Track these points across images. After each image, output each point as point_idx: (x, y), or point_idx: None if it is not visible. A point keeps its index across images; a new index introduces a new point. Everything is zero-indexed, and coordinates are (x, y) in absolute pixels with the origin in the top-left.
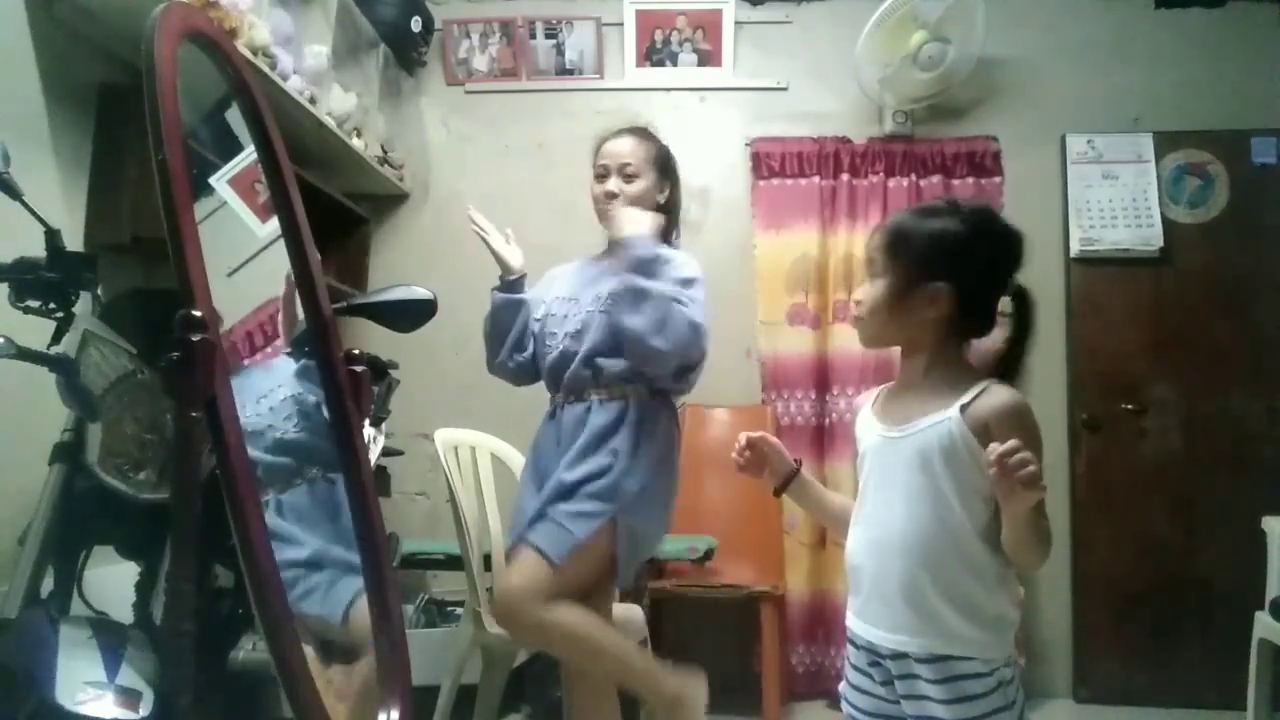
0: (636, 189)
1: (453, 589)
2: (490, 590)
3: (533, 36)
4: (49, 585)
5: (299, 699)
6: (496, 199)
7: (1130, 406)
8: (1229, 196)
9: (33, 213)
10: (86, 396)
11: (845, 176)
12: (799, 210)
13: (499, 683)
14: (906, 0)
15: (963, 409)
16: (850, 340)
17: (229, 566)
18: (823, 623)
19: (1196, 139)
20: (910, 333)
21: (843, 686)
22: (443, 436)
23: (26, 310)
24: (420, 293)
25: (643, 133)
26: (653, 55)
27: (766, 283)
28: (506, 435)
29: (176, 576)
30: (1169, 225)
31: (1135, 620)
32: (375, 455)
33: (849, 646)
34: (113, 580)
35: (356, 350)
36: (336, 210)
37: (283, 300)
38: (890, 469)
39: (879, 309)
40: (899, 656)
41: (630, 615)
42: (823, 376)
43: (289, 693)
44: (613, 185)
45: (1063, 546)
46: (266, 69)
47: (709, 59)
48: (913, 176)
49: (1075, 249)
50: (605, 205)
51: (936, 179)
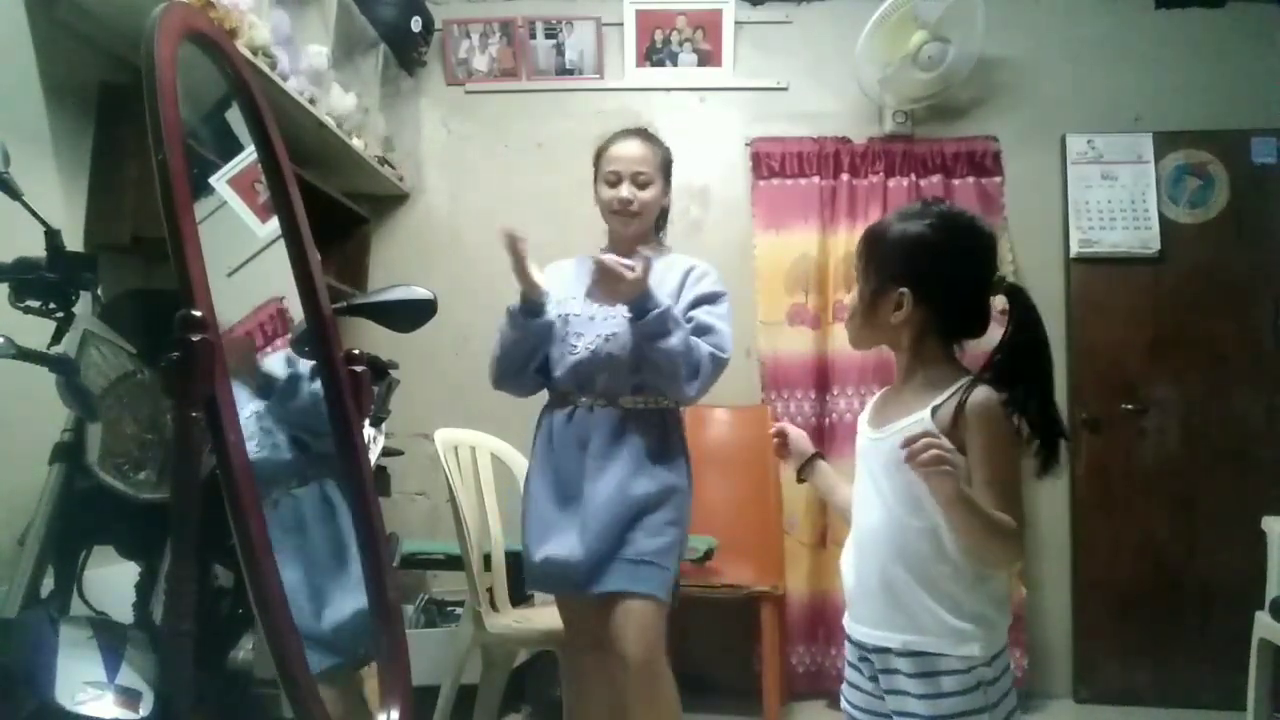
0: (650, 195)
1: (453, 589)
2: (490, 590)
3: (533, 36)
4: (49, 585)
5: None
6: (496, 199)
7: (1130, 406)
8: (1229, 196)
9: (33, 213)
10: (86, 396)
11: (845, 176)
12: (799, 210)
13: (499, 683)
14: (906, 0)
15: (934, 410)
16: None
17: (229, 566)
18: (823, 623)
19: (1196, 139)
20: (887, 335)
21: (844, 685)
22: (443, 436)
23: (26, 310)
24: (420, 293)
25: (648, 136)
26: (653, 55)
27: (766, 283)
28: (506, 435)
29: (176, 576)
30: (1169, 225)
31: (1135, 620)
32: (375, 455)
33: (846, 644)
34: (113, 580)
35: (356, 350)
36: (336, 210)
37: None
38: (873, 470)
39: (855, 312)
40: (881, 652)
41: None
42: (823, 376)
43: (289, 693)
44: (626, 192)
45: (1063, 546)
46: (266, 69)
47: (709, 59)
48: (913, 176)
49: (1075, 249)
50: (618, 211)
51: (936, 179)
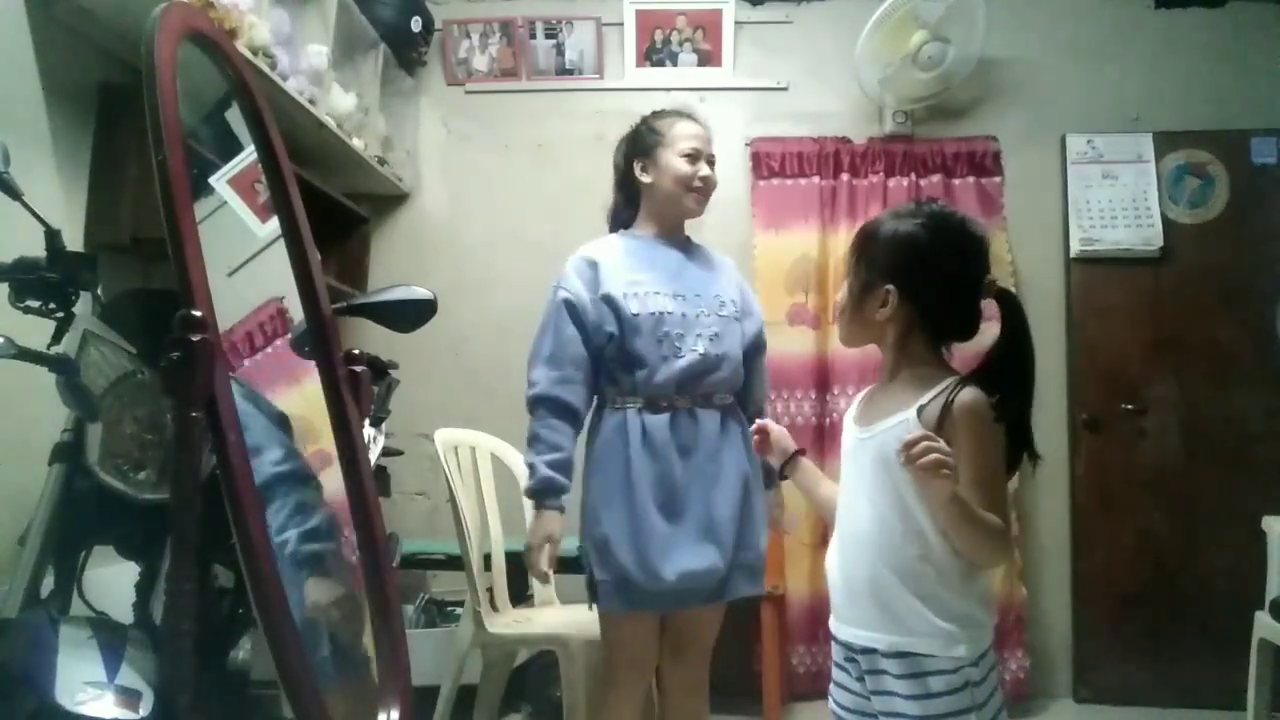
0: (716, 178)
1: (453, 589)
2: (490, 590)
3: (533, 36)
4: (49, 585)
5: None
6: (496, 199)
7: (1130, 406)
8: (1229, 196)
9: (33, 213)
10: (86, 396)
11: (845, 176)
12: (799, 210)
13: (499, 683)
14: (906, 0)
15: (920, 410)
16: None
17: (229, 566)
18: (823, 623)
19: (1196, 139)
20: (873, 332)
21: (831, 685)
22: (443, 436)
23: (26, 310)
24: (420, 293)
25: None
26: (653, 55)
27: (766, 283)
28: (506, 435)
29: (176, 576)
30: (1169, 225)
31: (1135, 620)
32: (375, 455)
33: (833, 644)
34: (113, 580)
35: (356, 350)
36: (336, 210)
37: None
38: (859, 469)
39: (843, 310)
40: (868, 652)
41: None
42: (823, 376)
43: (289, 692)
44: (705, 170)
45: (1063, 546)
46: (266, 69)
47: (709, 59)
48: (913, 176)
49: (1075, 249)
50: (698, 189)
51: (937, 179)
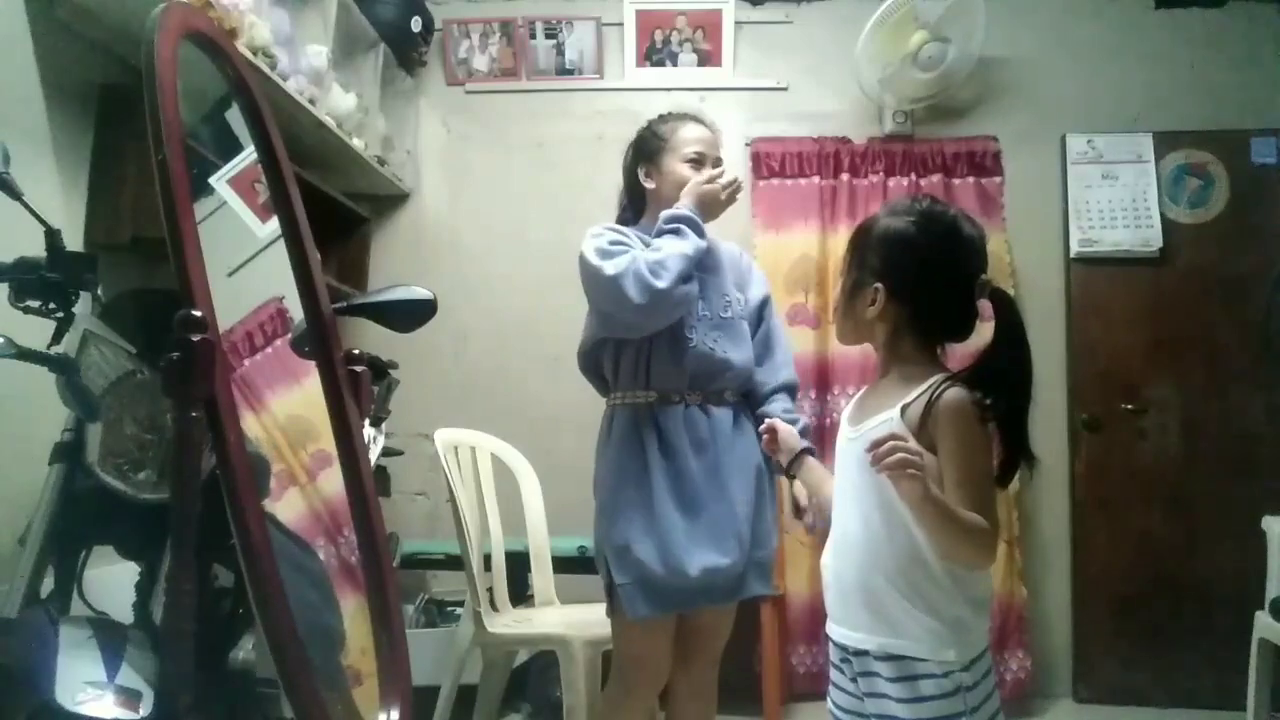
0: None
1: (453, 589)
2: (490, 590)
3: (533, 36)
4: (49, 585)
5: (299, 699)
6: (496, 199)
7: (1130, 406)
8: (1229, 196)
9: (33, 213)
10: (86, 396)
11: (845, 176)
12: (799, 210)
13: (499, 683)
14: (906, 0)
15: (904, 409)
16: None
17: (229, 566)
18: (823, 623)
19: (1196, 139)
20: (864, 332)
21: (829, 685)
22: (443, 436)
23: (26, 310)
24: (420, 293)
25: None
26: (653, 55)
27: None
28: (506, 435)
29: (176, 576)
30: (1169, 225)
31: (1135, 620)
32: (375, 455)
33: (829, 645)
34: (113, 580)
35: (356, 350)
36: (336, 210)
37: None
38: (848, 469)
39: (837, 307)
40: (860, 654)
41: None
42: (823, 376)
43: (289, 692)
44: (710, 174)
45: (1063, 546)
46: (266, 69)
47: (709, 59)
48: (913, 176)
49: (1075, 249)
50: (711, 188)
51: (936, 179)
